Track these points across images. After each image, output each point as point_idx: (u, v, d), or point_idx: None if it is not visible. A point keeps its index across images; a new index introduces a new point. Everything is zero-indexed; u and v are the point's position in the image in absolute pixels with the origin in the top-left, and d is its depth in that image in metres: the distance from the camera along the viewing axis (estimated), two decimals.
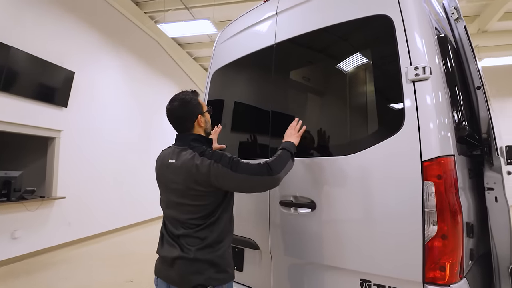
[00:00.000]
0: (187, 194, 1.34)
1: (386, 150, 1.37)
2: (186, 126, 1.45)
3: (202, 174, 1.29)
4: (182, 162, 1.34)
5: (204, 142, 1.44)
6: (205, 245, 1.31)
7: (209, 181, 1.30)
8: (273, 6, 1.96)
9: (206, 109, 1.52)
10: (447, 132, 1.33)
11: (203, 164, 1.29)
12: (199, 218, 1.33)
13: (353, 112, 1.55)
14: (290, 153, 1.44)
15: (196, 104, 1.45)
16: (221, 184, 1.32)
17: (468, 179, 1.57)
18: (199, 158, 1.31)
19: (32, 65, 4.77)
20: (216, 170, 1.28)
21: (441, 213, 1.25)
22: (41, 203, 4.91)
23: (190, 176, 1.31)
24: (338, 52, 1.69)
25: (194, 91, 1.51)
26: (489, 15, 7.14)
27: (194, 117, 1.44)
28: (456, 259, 1.27)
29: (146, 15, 7.74)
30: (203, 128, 1.49)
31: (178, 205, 1.37)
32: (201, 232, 1.32)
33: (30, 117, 4.81)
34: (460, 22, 1.66)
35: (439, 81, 1.36)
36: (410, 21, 1.41)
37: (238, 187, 1.38)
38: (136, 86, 7.73)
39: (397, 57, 1.39)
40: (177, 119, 1.45)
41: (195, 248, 1.30)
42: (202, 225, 1.33)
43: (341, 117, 1.58)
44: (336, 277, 1.50)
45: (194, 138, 1.42)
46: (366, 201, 1.42)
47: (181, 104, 1.43)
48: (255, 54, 2.00)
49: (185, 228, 1.34)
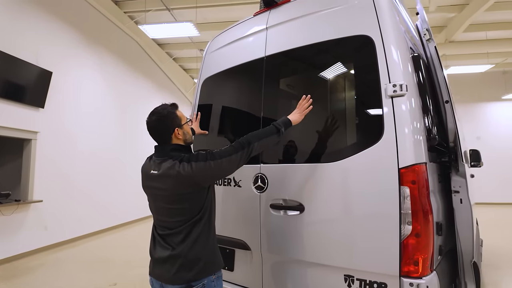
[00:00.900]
0: (176, 199, 1.44)
1: (368, 158, 1.53)
2: (165, 139, 1.53)
3: (186, 177, 1.39)
4: (165, 172, 1.42)
5: (183, 151, 1.53)
6: (192, 242, 1.42)
7: (195, 180, 1.41)
8: (263, 20, 2.08)
9: (186, 121, 1.59)
10: (420, 142, 1.50)
11: (184, 169, 1.39)
12: (187, 219, 1.44)
13: (339, 123, 1.70)
14: (277, 129, 1.58)
15: (174, 118, 1.53)
16: (207, 177, 1.44)
17: (437, 183, 1.76)
18: (179, 165, 1.40)
19: (2, 63, 4.55)
20: (197, 168, 1.39)
21: (415, 214, 1.42)
22: (17, 207, 4.74)
23: (176, 183, 1.41)
24: (325, 68, 1.84)
25: (173, 104, 1.59)
26: (455, 26, 7.65)
27: (172, 130, 1.51)
28: (428, 255, 1.44)
29: (126, 14, 7.62)
30: (181, 139, 1.56)
31: (168, 210, 1.47)
32: (188, 231, 1.43)
33: (2, 118, 4.62)
34: (431, 42, 1.85)
35: (414, 96, 1.54)
36: (389, 42, 1.57)
37: (223, 171, 1.51)
38: (115, 87, 7.59)
39: (378, 74, 1.55)
40: (156, 133, 1.52)
41: (183, 246, 1.41)
42: (190, 224, 1.43)
43: (328, 127, 1.72)
44: (323, 273, 1.64)
45: (173, 148, 1.51)
46: (350, 203, 1.57)
47: (159, 118, 1.51)
48: (246, 65, 2.11)
49: (173, 228, 1.45)
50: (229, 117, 2.32)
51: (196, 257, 1.41)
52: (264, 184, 1.87)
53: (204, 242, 1.45)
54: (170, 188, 1.42)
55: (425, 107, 1.66)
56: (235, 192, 2.02)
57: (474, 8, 6.85)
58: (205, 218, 1.47)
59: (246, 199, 1.94)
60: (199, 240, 1.43)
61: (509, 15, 7.51)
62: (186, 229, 1.42)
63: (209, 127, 2.33)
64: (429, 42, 1.86)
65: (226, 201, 2.08)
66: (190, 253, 1.41)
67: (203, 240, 1.45)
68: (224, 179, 2.08)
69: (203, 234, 1.45)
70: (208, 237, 1.48)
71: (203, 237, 1.45)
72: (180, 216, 1.44)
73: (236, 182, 2.02)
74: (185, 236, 1.42)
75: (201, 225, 1.45)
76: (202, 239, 1.44)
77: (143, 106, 8.72)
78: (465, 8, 7.15)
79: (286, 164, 1.85)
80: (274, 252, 1.82)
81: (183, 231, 1.42)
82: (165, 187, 1.43)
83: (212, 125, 2.34)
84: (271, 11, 2.06)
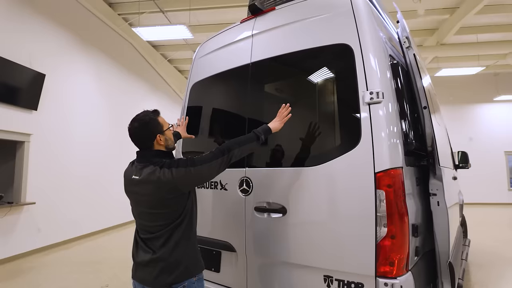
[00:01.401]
0: (157, 204, 1.48)
1: (346, 163, 1.59)
2: (146, 145, 1.56)
3: (167, 182, 1.43)
4: (146, 178, 1.45)
5: (165, 157, 1.56)
6: (173, 246, 1.46)
7: (175, 186, 1.45)
8: (249, 27, 2.13)
9: (168, 127, 1.62)
10: (397, 147, 1.57)
11: (165, 175, 1.43)
12: (168, 223, 1.48)
13: (319, 129, 1.76)
14: (256, 136, 1.64)
15: (155, 125, 1.56)
16: (187, 183, 1.49)
17: (416, 186, 1.82)
18: (160, 171, 1.44)
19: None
20: (178, 174, 1.44)
21: (391, 217, 1.48)
22: (9, 209, 4.75)
23: (156, 188, 1.44)
24: (307, 75, 1.90)
25: (155, 111, 1.63)
26: (446, 29, 7.77)
27: (153, 136, 1.54)
28: (403, 256, 1.50)
29: (120, 17, 7.65)
30: (163, 145, 1.59)
31: (150, 214, 1.51)
32: (169, 235, 1.47)
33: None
34: (411, 50, 1.91)
35: (391, 103, 1.60)
36: (367, 50, 1.63)
37: (203, 177, 1.57)
38: (108, 88, 7.61)
39: (356, 82, 1.61)
40: (137, 139, 1.56)
41: (164, 250, 1.45)
42: (170, 228, 1.47)
43: (309, 132, 1.78)
44: (304, 274, 1.70)
45: (155, 154, 1.55)
46: (329, 206, 1.63)
47: (140, 125, 1.55)
48: (233, 71, 2.17)
49: (155, 232, 1.49)
50: (217, 120, 2.37)
51: (176, 260, 1.46)
52: (249, 188, 1.93)
53: (184, 246, 1.49)
54: (150, 193, 1.46)
55: (403, 113, 1.72)
56: (222, 195, 2.07)
57: (464, 11, 6.96)
58: (186, 222, 1.51)
59: (232, 202, 1.99)
60: (180, 243, 1.48)
61: (499, 18, 7.64)
62: (167, 233, 1.47)
63: (198, 130, 2.38)
64: (408, 49, 1.92)
65: (212, 204, 2.13)
66: (171, 256, 1.45)
67: (184, 243, 1.49)
68: (211, 183, 2.13)
69: (184, 238, 1.50)
70: (189, 241, 1.52)
71: (183, 240, 1.49)
72: (161, 221, 1.48)
73: (223, 186, 2.07)
74: (166, 240, 1.46)
75: (182, 229, 1.49)
76: (183, 243, 1.49)
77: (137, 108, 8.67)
78: (456, 11, 7.26)
79: (269, 168, 1.90)
80: (258, 254, 1.87)
81: (164, 235, 1.46)
82: (146, 192, 1.47)
83: (200, 128, 2.39)
84: (257, 18, 2.12)
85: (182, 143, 2.46)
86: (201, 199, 2.19)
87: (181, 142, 2.46)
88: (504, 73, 11.42)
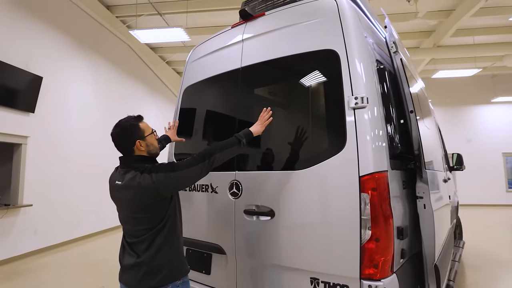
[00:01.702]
0: (139, 209, 1.50)
1: (332, 166, 1.61)
2: (127, 150, 1.58)
3: (147, 188, 1.44)
4: (127, 183, 1.48)
5: (147, 162, 1.58)
6: (156, 250, 1.49)
7: (156, 191, 1.47)
8: (240, 32, 2.16)
9: (149, 133, 1.62)
10: (382, 151, 1.59)
11: (145, 180, 1.45)
12: (150, 227, 1.50)
13: (306, 133, 1.78)
14: (238, 140, 1.67)
15: (136, 131, 1.57)
16: (168, 188, 1.50)
17: (402, 189, 1.85)
18: (140, 176, 1.46)
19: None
20: (158, 179, 1.45)
21: (375, 219, 1.50)
22: (6, 211, 4.77)
23: (137, 193, 1.47)
24: (295, 79, 1.93)
25: (138, 117, 1.65)
26: (443, 31, 7.81)
27: (133, 142, 1.56)
28: (387, 258, 1.52)
29: (118, 19, 7.69)
30: (144, 151, 1.59)
31: (133, 218, 1.54)
32: (152, 239, 1.50)
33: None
34: (398, 55, 1.93)
35: (376, 108, 1.62)
36: (353, 56, 1.66)
37: (184, 182, 1.58)
38: (106, 91, 7.64)
39: (342, 87, 1.63)
40: (118, 144, 1.59)
41: (147, 254, 1.48)
42: (153, 233, 1.50)
43: (296, 136, 1.80)
44: (291, 276, 1.72)
45: (136, 159, 1.57)
46: (315, 209, 1.65)
47: (121, 131, 1.57)
48: (224, 75, 2.19)
49: (139, 236, 1.51)
50: (208, 123, 2.39)
51: (160, 264, 1.48)
52: (239, 191, 1.95)
53: (167, 250, 1.51)
54: (132, 198, 1.48)
55: (389, 117, 1.74)
56: (212, 198, 2.09)
57: (460, 13, 7.00)
58: (168, 226, 1.53)
59: (222, 205, 2.02)
60: (162, 248, 1.49)
61: (496, 20, 7.68)
62: (150, 237, 1.49)
63: (191, 133, 2.41)
64: (395, 54, 1.94)
65: (203, 206, 2.15)
66: (153, 260, 1.47)
67: (167, 248, 1.51)
68: (202, 186, 2.15)
69: (167, 242, 1.51)
70: (172, 245, 1.54)
71: (166, 244, 1.51)
72: (143, 225, 1.50)
73: (213, 189, 2.09)
74: (149, 244, 1.48)
75: (164, 234, 1.51)
76: (165, 247, 1.50)
77: (135, 110, 8.76)
78: (452, 13, 7.30)
79: (258, 171, 1.93)
80: (247, 256, 1.89)
81: (147, 239, 1.49)
82: (128, 197, 1.49)
83: (193, 130, 2.42)
84: (247, 24, 2.15)
85: (174, 145, 2.49)
86: (192, 202, 2.23)
87: (173, 145, 2.49)
88: (501, 75, 11.45)
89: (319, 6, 1.83)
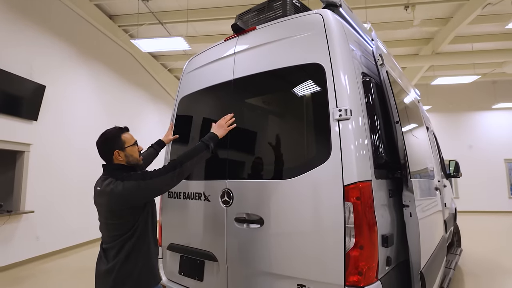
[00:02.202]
0: (111, 215, 1.58)
1: (317, 176, 1.66)
2: (107, 158, 1.68)
3: (118, 195, 1.52)
4: (103, 189, 1.57)
5: (126, 170, 1.65)
6: (124, 257, 1.55)
7: (126, 199, 1.53)
8: (232, 45, 2.24)
9: (130, 144, 1.70)
10: (366, 161, 1.64)
11: (117, 187, 1.52)
12: (120, 234, 1.57)
13: (294, 143, 1.85)
14: (206, 145, 1.74)
15: (116, 141, 1.66)
16: (137, 196, 1.56)
17: (389, 198, 1.89)
18: (114, 183, 1.54)
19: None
20: (127, 187, 1.53)
21: (359, 228, 1.55)
22: (9, 217, 4.86)
23: (109, 200, 1.55)
24: (284, 91, 1.99)
25: (122, 128, 1.74)
26: (441, 38, 7.87)
27: (111, 152, 1.65)
28: (372, 265, 1.57)
29: (120, 28, 7.85)
30: (123, 161, 1.67)
31: (107, 224, 1.61)
32: (121, 246, 1.56)
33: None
34: (384, 67, 1.99)
35: (361, 119, 1.68)
36: (338, 69, 1.72)
37: (154, 191, 1.62)
38: (108, 99, 7.77)
39: (327, 99, 1.70)
40: (100, 152, 1.69)
41: (116, 261, 1.54)
42: (122, 240, 1.56)
43: (284, 147, 1.87)
44: (279, 283, 1.76)
45: (116, 167, 1.66)
46: (302, 217, 1.70)
47: (103, 140, 1.68)
48: (217, 86, 2.27)
49: (110, 242, 1.58)
50: (202, 130, 2.45)
51: (127, 272, 1.53)
52: (230, 199, 2.00)
53: (135, 258, 1.56)
54: (106, 204, 1.56)
55: (374, 128, 1.80)
56: (205, 206, 2.15)
57: (458, 22, 7.08)
58: (137, 234, 1.58)
59: (214, 212, 2.07)
60: (131, 255, 1.55)
61: (493, 27, 7.75)
62: (119, 244, 1.55)
63: (187, 140, 2.48)
64: (381, 66, 2.00)
65: (196, 214, 2.21)
66: (121, 268, 1.53)
67: (134, 255, 1.56)
68: (195, 194, 2.21)
69: (135, 250, 1.56)
70: (139, 253, 1.58)
71: (134, 252, 1.56)
72: (114, 231, 1.57)
73: (206, 197, 2.15)
74: (118, 251, 1.55)
75: (133, 242, 1.56)
76: (133, 255, 1.55)
77: (137, 118, 8.90)
78: (450, 21, 7.38)
79: (249, 180, 1.98)
80: (238, 263, 1.94)
81: (116, 246, 1.55)
82: (102, 203, 1.58)
83: (188, 137, 2.49)
84: (239, 37, 2.22)
85: (170, 151, 2.54)
86: (186, 210, 2.28)
87: (169, 150, 2.55)
88: (502, 81, 11.48)
89: (307, 21, 1.90)
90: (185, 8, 6.93)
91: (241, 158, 2.06)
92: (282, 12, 2.20)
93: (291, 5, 2.22)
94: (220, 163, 2.13)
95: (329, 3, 2.00)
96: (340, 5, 2.01)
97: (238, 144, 2.07)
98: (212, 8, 6.98)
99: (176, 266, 2.32)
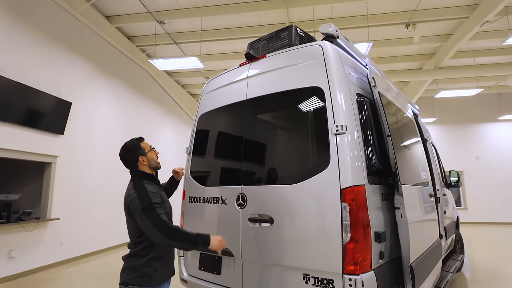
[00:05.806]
0: (127, 217, 1.90)
1: (319, 181, 1.98)
2: (132, 166, 1.96)
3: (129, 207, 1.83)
4: (126, 192, 1.88)
5: (144, 177, 1.93)
6: (130, 255, 1.86)
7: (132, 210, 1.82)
8: (245, 70, 2.61)
9: (149, 149, 1.99)
10: (359, 168, 1.95)
11: (132, 200, 1.79)
12: (133, 236, 1.88)
13: (299, 153, 2.17)
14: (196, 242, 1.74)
15: (137, 149, 1.95)
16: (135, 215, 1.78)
17: (382, 200, 2.18)
18: (132, 189, 1.84)
19: (29, 96, 5.17)
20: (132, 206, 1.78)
21: (354, 224, 1.84)
22: (37, 224, 5.25)
23: (126, 204, 1.87)
24: (290, 110, 2.34)
25: (139, 138, 2.01)
26: (443, 54, 8.17)
27: (136, 159, 1.94)
28: (366, 257, 1.85)
29: (138, 48, 8.39)
30: (146, 165, 1.96)
31: (127, 224, 1.93)
32: (132, 245, 1.88)
33: (27, 144, 5.23)
34: (376, 88, 2.32)
35: (356, 133, 2.00)
36: (335, 91, 2.06)
37: (144, 228, 1.76)
38: (127, 113, 8.26)
39: (326, 116, 2.03)
40: (125, 162, 1.97)
41: (128, 255, 1.87)
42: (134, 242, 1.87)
43: (290, 156, 2.19)
44: (287, 273, 2.06)
45: (137, 174, 1.95)
46: (307, 216, 2.00)
47: (125, 151, 1.96)
48: (232, 105, 2.63)
49: (130, 238, 1.92)
50: (219, 144, 2.80)
51: (132, 267, 1.81)
52: (244, 202, 2.33)
53: (138, 259, 1.82)
54: (125, 206, 1.88)
55: (367, 140, 2.12)
56: (222, 209, 2.47)
57: (458, 38, 7.38)
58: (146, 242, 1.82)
59: (230, 214, 2.40)
60: (135, 256, 1.84)
61: (494, 42, 8.01)
62: (131, 242, 1.89)
63: (205, 152, 2.83)
64: (374, 88, 2.33)
65: (215, 215, 2.53)
66: (127, 262, 1.85)
67: (139, 257, 1.82)
68: (214, 198, 2.54)
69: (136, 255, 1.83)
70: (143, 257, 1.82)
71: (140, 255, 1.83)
72: (130, 230, 1.91)
73: (223, 200, 2.48)
74: (130, 247, 1.88)
75: (141, 246, 1.84)
76: (138, 256, 1.83)
77: (153, 130, 9.36)
78: (450, 37, 7.69)
79: (260, 185, 2.31)
80: (251, 258, 2.25)
81: (131, 243, 1.89)
82: (124, 205, 1.90)
83: (206, 150, 2.84)
84: (252, 63, 2.59)
85: (190, 164, 2.90)
86: (205, 212, 2.61)
87: (189, 164, 2.90)
88: (507, 93, 11.63)
89: (309, 51, 2.26)
90: (199, 30, 7.43)
91: (253, 166, 2.39)
92: (288, 41, 2.57)
93: (296, 35, 2.59)
94: (236, 171, 2.47)
95: (328, 35, 2.36)
96: (338, 36, 2.36)
97: (250, 154, 2.41)
98: (223, 29, 7.46)
99: (196, 263, 2.63)
